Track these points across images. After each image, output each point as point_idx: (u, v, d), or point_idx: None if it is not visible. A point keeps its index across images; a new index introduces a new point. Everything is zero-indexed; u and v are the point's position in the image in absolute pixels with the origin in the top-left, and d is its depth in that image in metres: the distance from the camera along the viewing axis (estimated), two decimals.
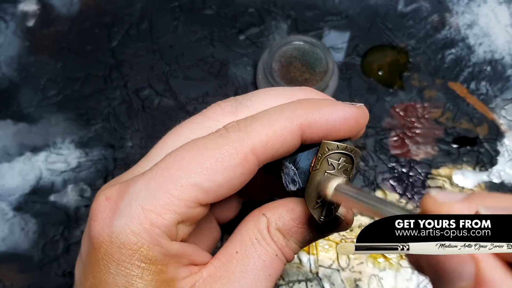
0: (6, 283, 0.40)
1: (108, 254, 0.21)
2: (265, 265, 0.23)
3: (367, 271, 0.40)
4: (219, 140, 0.22)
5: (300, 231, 0.24)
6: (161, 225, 0.21)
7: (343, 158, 0.23)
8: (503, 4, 0.50)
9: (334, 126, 0.23)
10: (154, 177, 0.22)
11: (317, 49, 0.45)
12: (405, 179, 0.44)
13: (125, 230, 0.21)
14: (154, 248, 0.21)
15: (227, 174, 0.22)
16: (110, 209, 0.22)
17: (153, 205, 0.21)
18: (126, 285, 0.21)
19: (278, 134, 0.22)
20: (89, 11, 0.50)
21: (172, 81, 0.47)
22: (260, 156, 0.22)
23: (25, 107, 0.46)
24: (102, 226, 0.22)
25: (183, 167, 0.22)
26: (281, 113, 0.23)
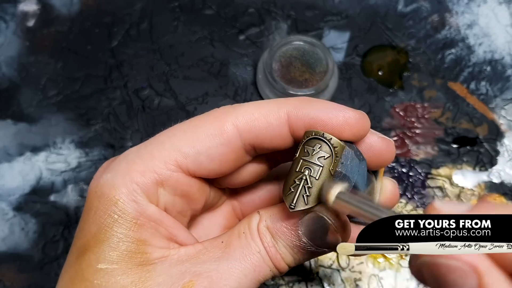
0: (6, 283, 0.40)
1: (90, 203, 0.23)
2: (246, 259, 0.23)
3: (367, 271, 0.40)
4: (207, 114, 0.24)
5: (289, 233, 0.23)
6: (140, 182, 0.23)
7: (319, 145, 0.22)
8: (503, 4, 0.50)
9: (322, 119, 0.22)
10: (144, 144, 0.24)
11: (317, 49, 0.45)
12: (405, 179, 0.44)
13: (108, 183, 0.23)
14: (130, 204, 0.22)
15: (206, 142, 0.23)
16: (103, 168, 0.25)
17: (136, 164, 0.23)
18: (97, 232, 0.22)
19: (263, 115, 0.23)
20: (89, 11, 0.50)
21: (172, 81, 0.47)
22: (243, 132, 0.23)
23: (25, 107, 0.46)
24: (95, 180, 0.24)
25: (170, 134, 0.24)
26: (270, 101, 0.24)
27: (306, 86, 0.44)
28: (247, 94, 0.47)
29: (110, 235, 0.22)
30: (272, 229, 0.23)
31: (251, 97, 0.46)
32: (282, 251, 0.23)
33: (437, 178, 0.44)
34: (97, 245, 0.22)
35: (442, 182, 0.44)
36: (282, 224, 0.23)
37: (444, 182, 0.43)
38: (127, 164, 0.23)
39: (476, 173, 0.44)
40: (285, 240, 0.23)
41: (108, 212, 0.22)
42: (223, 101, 0.46)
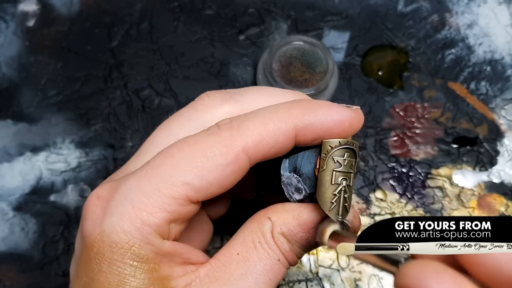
0: (6, 283, 0.40)
1: (100, 253, 0.21)
2: (266, 269, 0.23)
3: (367, 271, 0.40)
4: (211, 138, 0.22)
5: (306, 236, 0.23)
6: (152, 223, 0.21)
7: (347, 153, 0.23)
8: (503, 4, 0.50)
9: (329, 128, 0.22)
10: (144, 175, 0.22)
11: (317, 49, 0.45)
12: (405, 179, 0.44)
13: (116, 228, 0.21)
14: (146, 247, 0.21)
15: (218, 173, 0.22)
16: (101, 208, 0.22)
17: (144, 204, 0.21)
18: (119, 283, 0.21)
19: (271, 134, 0.22)
20: (89, 11, 0.50)
21: (172, 81, 0.47)
22: (252, 155, 0.22)
23: (25, 107, 0.46)
24: (93, 225, 0.22)
25: (174, 164, 0.22)
26: (276, 113, 0.22)
27: (306, 86, 0.44)
28: None
29: (135, 284, 0.21)
30: (288, 235, 0.23)
31: None
32: (297, 251, 0.24)
33: (437, 178, 0.44)
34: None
35: (442, 182, 0.44)
36: (300, 230, 0.23)
37: (444, 182, 0.43)
38: (133, 205, 0.21)
39: (476, 173, 0.44)
40: (302, 243, 0.23)
41: (125, 261, 0.21)
42: None
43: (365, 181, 0.44)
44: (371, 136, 0.45)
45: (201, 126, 0.24)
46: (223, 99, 0.25)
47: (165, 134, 0.25)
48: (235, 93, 0.25)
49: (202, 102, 0.25)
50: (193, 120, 0.24)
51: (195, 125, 0.24)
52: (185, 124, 0.24)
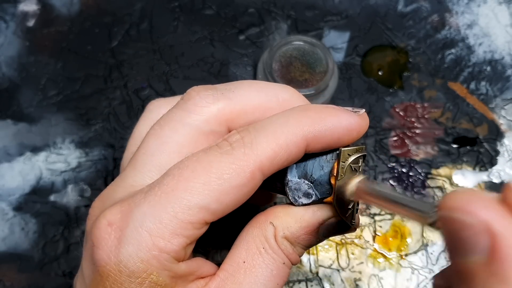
0: (6, 283, 0.40)
1: (117, 282, 0.21)
2: (273, 274, 0.23)
3: (367, 271, 0.40)
4: (225, 158, 0.21)
5: (308, 238, 0.23)
6: (170, 250, 0.21)
7: (361, 159, 0.23)
8: (503, 4, 0.50)
9: (338, 137, 0.23)
10: (159, 201, 0.21)
11: (317, 49, 0.45)
12: (405, 179, 0.44)
13: (133, 258, 0.21)
14: (163, 273, 0.21)
15: (235, 194, 0.21)
16: (115, 236, 0.21)
17: (161, 231, 0.21)
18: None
19: (284, 149, 0.22)
20: (89, 11, 0.50)
21: (172, 81, 0.47)
22: (266, 171, 0.22)
23: (25, 107, 0.46)
24: (108, 254, 0.21)
25: (189, 189, 0.21)
26: (286, 126, 0.22)
27: (306, 86, 0.44)
28: None
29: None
30: (291, 238, 0.23)
31: None
32: (300, 251, 0.24)
33: (437, 178, 0.44)
34: None
35: (442, 182, 0.44)
36: (303, 233, 0.23)
37: (444, 182, 0.43)
38: (150, 234, 0.21)
39: (476, 173, 0.44)
40: (304, 244, 0.24)
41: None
42: None
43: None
44: (371, 136, 0.45)
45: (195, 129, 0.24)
46: (214, 96, 0.25)
47: (159, 142, 0.24)
48: (226, 90, 0.25)
49: (194, 103, 0.24)
50: (186, 124, 0.24)
51: (188, 129, 0.23)
52: (178, 129, 0.24)
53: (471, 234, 0.16)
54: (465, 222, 0.16)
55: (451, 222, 0.16)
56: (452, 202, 0.17)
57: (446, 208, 0.17)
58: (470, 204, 0.16)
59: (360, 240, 0.41)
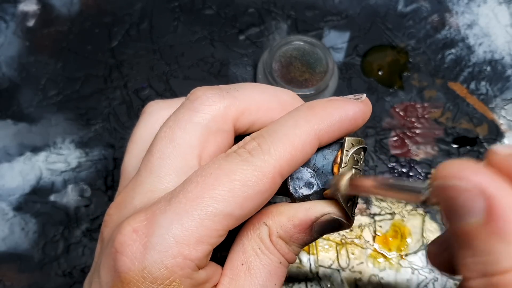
0: (6, 283, 0.40)
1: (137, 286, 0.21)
2: (270, 274, 0.23)
3: (367, 271, 0.40)
4: (247, 165, 0.22)
5: (302, 236, 0.24)
6: (194, 257, 0.21)
7: (363, 152, 0.24)
8: (503, 4, 0.50)
9: (346, 128, 0.23)
10: (184, 208, 0.21)
11: (317, 49, 0.45)
12: (405, 179, 0.44)
13: (158, 264, 0.21)
14: (186, 281, 0.21)
15: (257, 200, 0.22)
16: (140, 243, 0.21)
17: (188, 238, 0.21)
18: None
19: (300, 150, 0.22)
20: (89, 11, 0.50)
21: (172, 81, 0.47)
22: (285, 174, 0.23)
23: (25, 107, 0.46)
24: (133, 260, 0.21)
25: (214, 196, 0.21)
26: (297, 127, 0.23)
27: (306, 86, 0.44)
28: None
29: None
30: (286, 237, 0.23)
31: None
32: (296, 250, 0.24)
33: None
34: None
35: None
36: (296, 231, 0.23)
37: None
38: (176, 240, 0.21)
39: None
40: (299, 242, 0.24)
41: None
42: None
43: None
44: (371, 136, 0.45)
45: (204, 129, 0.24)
46: (220, 95, 0.25)
47: (172, 144, 0.24)
48: (231, 89, 0.25)
49: (201, 102, 0.25)
50: (195, 123, 0.24)
51: (198, 128, 0.24)
52: (188, 130, 0.24)
53: (466, 198, 0.17)
54: (460, 188, 0.17)
55: (447, 190, 0.17)
56: (445, 171, 0.18)
57: (440, 177, 0.18)
58: (462, 171, 0.17)
59: (360, 240, 0.41)
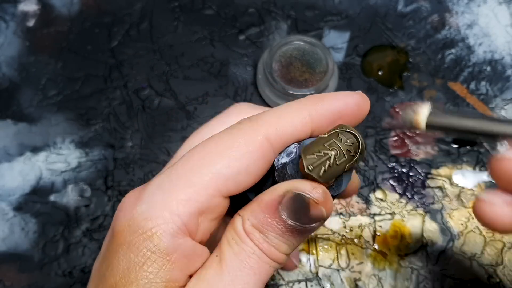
0: (6, 283, 0.40)
1: (123, 237, 0.21)
2: (244, 264, 0.22)
3: (367, 271, 0.40)
4: (234, 131, 0.23)
5: (274, 222, 0.22)
6: (182, 213, 0.21)
7: (352, 141, 0.23)
8: (503, 4, 0.50)
9: (339, 111, 0.24)
10: (175, 168, 0.23)
11: (317, 49, 0.45)
12: (405, 179, 0.44)
13: (144, 214, 0.21)
14: (167, 238, 0.21)
15: (245, 160, 0.22)
16: (134, 198, 0.23)
17: (176, 193, 0.22)
18: (127, 272, 0.21)
19: (289, 123, 0.23)
20: (89, 11, 0.50)
21: (172, 81, 0.47)
22: (274, 142, 0.23)
23: (25, 107, 0.46)
24: (124, 213, 0.22)
25: (202, 157, 0.22)
26: (289, 106, 0.24)
27: (306, 86, 0.44)
28: (247, 94, 0.47)
29: (141, 276, 0.21)
30: (257, 225, 0.22)
31: (251, 97, 0.46)
32: (274, 242, 0.23)
33: (437, 178, 0.44)
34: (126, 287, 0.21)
35: (442, 182, 0.44)
36: (265, 216, 0.22)
37: (444, 182, 0.43)
38: (164, 194, 0.22)
39: (476, 173, 0.44)
40: (273, 230, 0.22)
41: (141, 248, 0.21)
42: (223, 101, 0.46)
43: (365, 181, 0.43)
44: (371, 136, 0.45)
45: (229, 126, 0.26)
46: (251, 106, 0.28)
47: (198, 137, 0.26)
48: (263, 107, 0.28)
49: (234, 109, 0.28)
50: (223, 123, 0.26)
51: (225, 126, 0.25)
52: (215, 127, 0.26)
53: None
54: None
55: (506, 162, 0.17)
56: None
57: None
58: None
59: (360, 240, 0.41)
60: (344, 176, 0.24)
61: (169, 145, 0.45)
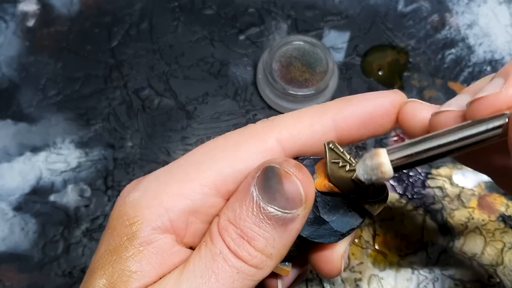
0: (6, 283, 0.40)
1: (111, 222, 0.21)
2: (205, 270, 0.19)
3: (367, 271, 0.40)
4: (245, 130, 0.22)
5: (248, 207, 0.20)
6: (170, 207, 0.20)
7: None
8: (503, 4, 0.50)
9: (370, 112, 0.21)
10: (178, 161, 0.22)
11: (317, 49, 0.45)
12: (405, 179, 0.44)
13: (132, 203, 0.21)
14: (146, 227, 0.20)
15: (250, 162, 0.21)
16: (133, 185, 0.22)
17: (169, 185, 0.21)
18: (102, 255, 0.20)
19: (307, 126, 0.21)
20: (89, 11, 0.50)
21: (172, 81, 0.47)
22: (287, 146, 0.21)
23: (25, 107, 0.46)
24: (120, 199, 0.22)
25: (206, 152, 0.21)
26: (312, 109, 0.22)
27: (306, 86, 0.44)
28: (247, 94, 0.47)
29: (109, 261, 0.20)
30: (233, 217, 0.20)
31: (251, 97, 0.46)
32: (249, 234, 0.19)
33: (437, 178, 0.44)
34: (97, 271, 0.20)
35: (442, 182, 0.43)
36: (240, 202, 0.20)
37: (444, 182, 0.43)
38: (158, 185, 0.21)
39: (476, 173, 0.44)
40: (248, 218, 0.19)
41: (121, 234, 0.20)
42: (223, 101, 0.46)
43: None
44: None
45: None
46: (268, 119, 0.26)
47: None
48: None
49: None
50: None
51: None
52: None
53: None
54: None
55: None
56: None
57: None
58: None
59: (360, 240, 0.41)
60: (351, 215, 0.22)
61: (169, 145, 0.45)
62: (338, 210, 0.21)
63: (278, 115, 0.22)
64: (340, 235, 0.22)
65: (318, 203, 0.21)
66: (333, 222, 0.21)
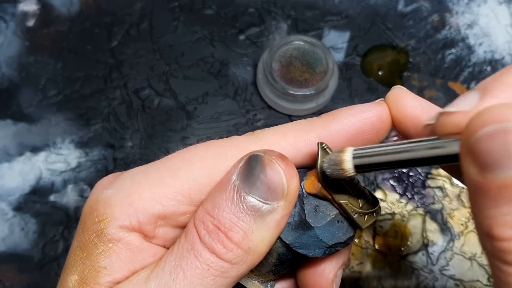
0: (6, 283, 0.40)
1: (82, 217, 0.21)
2: (175, 268, 0.19)
3: (367, 271, 0.40)
4: (228, 141, 0.21)
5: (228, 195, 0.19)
6: (140, 209, 0.20)
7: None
8: (503, 4, 0.50)
9: (356, 129, 0.21)
10: (157, 163, 0.21)
11: (317, 49, 0.45)
12: (405, 179, 0.44)
13: (104, 200, 0.21)
14: (114, 226, 0.20)
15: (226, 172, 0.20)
16: (108, 181, 0.22)
17: (143, 187, 0.20)
18: (73, 250, 0.21)
19: (292, 144, 0.21)
20: (89, 11, 0.50)
21: (172, 81, 0.47)
22: None
23: (25, 107, 0.46)
24: (93, 194, 0.22)
25: (185, 159, 0.21)
26: (297, 125, 0.22)
27: (306, 86, 0.44)
28: (247, 94, 0.47)
29: (80, 256, 0.20)
30: (210, 207, 0.19)
31: (251, 97, 0.46)
32: (227, 225, 0.19)
33: (437, 178, 0.44)
34: (70, 267, 0.21)
35: (442, 182, 0.43)
36: (217, 188, 0.19)
37: (444, 182, 0.43)
38: (132, 185, 0.21)
39: None
40: (227, 206, 0.19)
41: (90, 231, 0.20)
42: (223, 101, 0.46)
43: (365, 181, 0.43)
44: None
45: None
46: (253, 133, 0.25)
47: None
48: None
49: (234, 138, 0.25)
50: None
51: None
52: None
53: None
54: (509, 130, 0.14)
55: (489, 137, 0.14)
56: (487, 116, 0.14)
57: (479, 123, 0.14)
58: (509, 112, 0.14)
59: (360, 240, 0.41)
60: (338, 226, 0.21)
61: (169, 145, 0.45)
62: (325, 217, 0.21)
63: (266, 129, 0.22)
64: (326, 248, 0.21)
65: (305, 206, 0.21)
66: (319, 229, 0.20)
